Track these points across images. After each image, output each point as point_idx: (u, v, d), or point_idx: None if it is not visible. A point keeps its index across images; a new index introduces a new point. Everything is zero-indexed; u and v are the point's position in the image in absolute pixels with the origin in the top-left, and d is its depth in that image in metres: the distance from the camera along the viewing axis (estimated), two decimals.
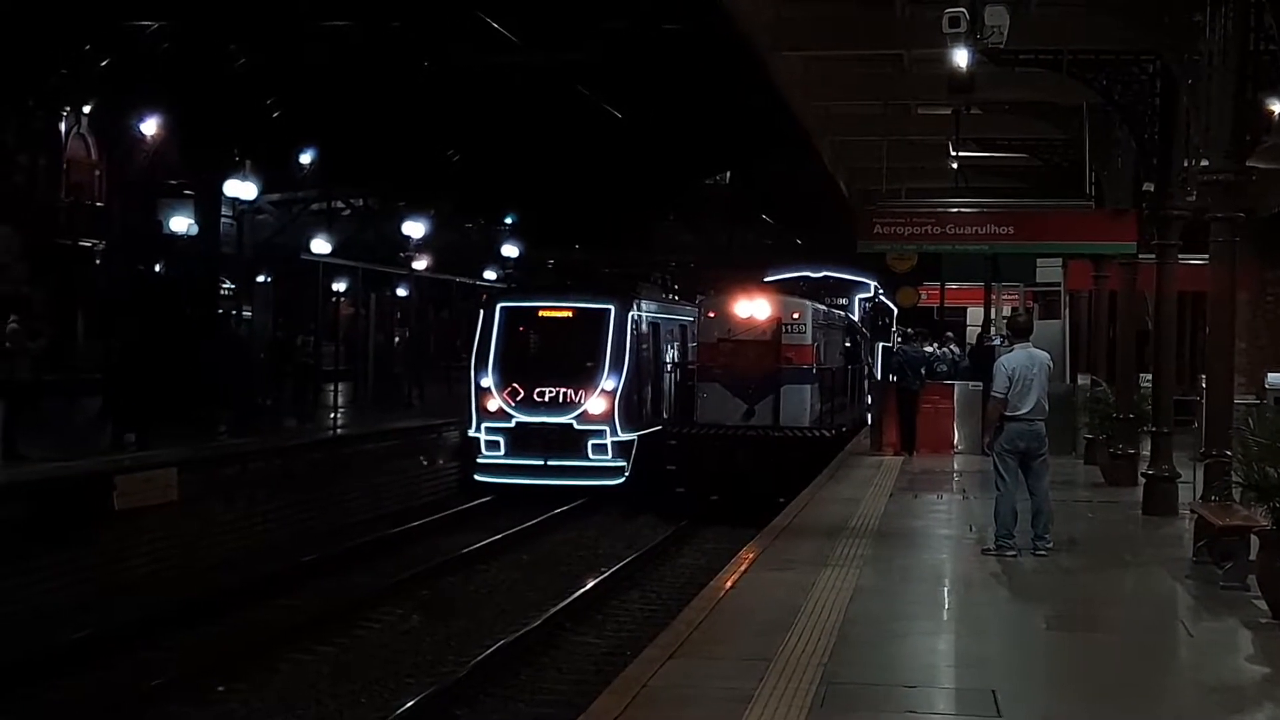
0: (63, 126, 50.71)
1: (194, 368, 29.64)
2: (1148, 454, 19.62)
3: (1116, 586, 14.17)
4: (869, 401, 34.65)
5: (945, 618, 12.83)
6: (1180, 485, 18.35)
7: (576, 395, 29.25)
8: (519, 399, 29.43)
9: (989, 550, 15.23)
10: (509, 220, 60.80)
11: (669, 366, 32.94)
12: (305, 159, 49.57)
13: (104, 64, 40.27)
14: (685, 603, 14.48)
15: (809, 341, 28.53)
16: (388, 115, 42.38)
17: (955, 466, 24.94)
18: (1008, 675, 10.35)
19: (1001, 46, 17.71)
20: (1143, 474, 19.60)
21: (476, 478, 29.62)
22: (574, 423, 29.12)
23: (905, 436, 27.07)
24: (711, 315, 29.43)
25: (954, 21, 17.07)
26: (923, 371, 27.98)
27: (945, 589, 14.10)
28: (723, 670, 10.07)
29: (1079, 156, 27.33)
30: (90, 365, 36.82)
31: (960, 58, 19.16)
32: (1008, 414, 15.14)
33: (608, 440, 28.97)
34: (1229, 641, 11.66)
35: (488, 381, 29.71)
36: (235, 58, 36.10)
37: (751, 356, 28.25)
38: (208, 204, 37.69)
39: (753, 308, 28.51)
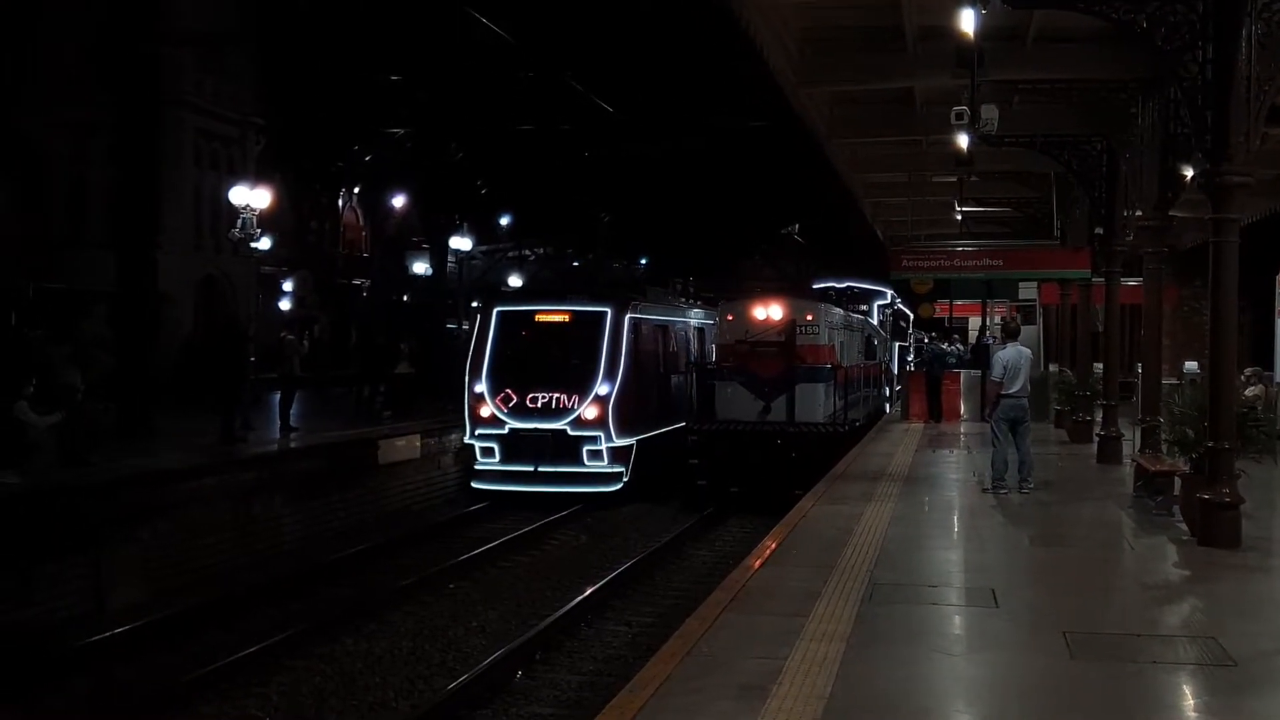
0: (340, 202, 51.87)
1: (430, 366, 30.10)
2: (1100, 420, 19.38)
3: (1079, 515, 13.96)
4: (887, 392, 32.82)
5: (956, 537, 12.72)
6: (1124, 442, 18.09)
7: (570, 400, 21.57)
8: (512, 405, 21.67)
9: (987, 489, 15.07)
10: (643, 261, 60.96)
11: (685, 367, 24.76)
12: (504, 221, 50.28)
13: (367, 158, 41.12)
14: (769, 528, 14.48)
15: (823, 341, 22.06)
16: (560, 189, 42.79)
17: (962, 430, 24.62)
18: (1002, 577, 10.26)
19: (993, 133, 17.53)
20: (1097, 434, 19.33)
21: (473, 484, 22.02)
22: (568, 429, 21.46)
23: (933, 409, 26.54)
24: (730, 319, 22.64)
25: (959, 116, 16.97)
26: (949, 361, 27.69)
27: (956, 517, 13.98)
28: (799, 574, 10.05)
29: (1048, 209, 27.03)
30: (361, 366, 37.50)
31: (963, 141, 19.07)
32: (1002, 393, 15.00)
33: (603, 446, 21.40)
34: (1160, 554, 11.48)
35: (481, 388, 21.89)
36: (455, 152, 36.63)
37: (767, 356, 21.76)
38: (438, 253, 38.27)
39: (768, 311, 22.01)
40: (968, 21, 14.95)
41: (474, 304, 32.56)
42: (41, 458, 15.48)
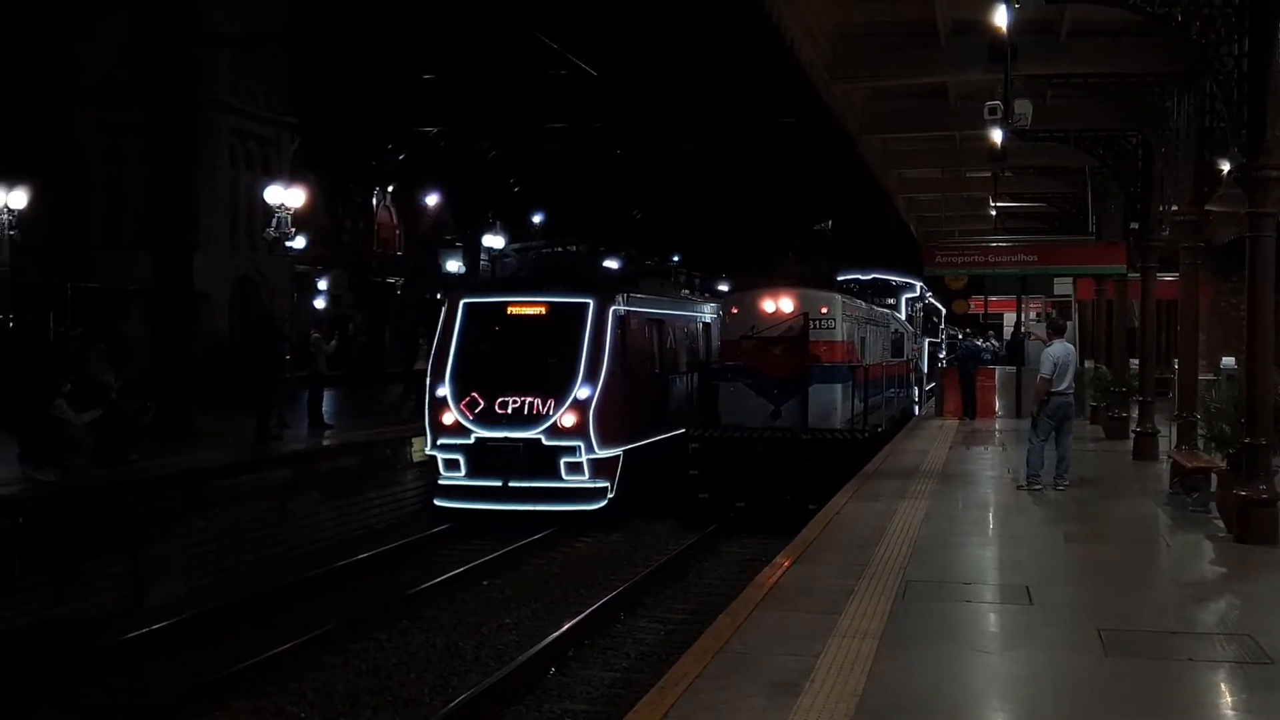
0: (374, 200, 52.17)
1: None
2: (1136, 416, 19.23)
3: (1114, 511, 13.87)
4: (916, 393, 31.20)
5: (991, 534, 12.66)
6: (1160, 438, 17.94)
7: (545, 406, 18.34)
8: (478, 411, 18.53)
9: (1022, 486, 14.98)
10: (675, 258, 61.00)
11: (686, 367, 22.10)
12: (536, 219, 50.39)
13: (400, 157, 41.36)
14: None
15: (839, 337, 19.53)
16: (592, 187, 42.87)
17: (997, 427, 24.44)
18: (1037, 574, 10.19)
19: (1026, 128, 17.45)
20: (1133, 430, 19.21)
21: (435, 501, 19.02)
22: (543, 438, 18.27)
23: (967, 405, 26.32)
24: (735, 312, 20.16)
25: (992, 111, 16.94)
26: (984, 358, 27.51)
27: (990, 514, 13.90)
28: (832, 571, 10.02)
29: (1083, 204, 26.84)
30: (394, 364, 37.77)
31: (997, 136, 18.98)
32: (1052, 390, 14.84)
33: (583, 458, 18.24)
34: (1196, 550, 11.39)
35: (443, 391, 18.82)
36: (488, 151, 36.78)
37: (777, 354, 19.24)
38: (471, 251, 38.45)
39: (778, 303, 19.44)
40: (1001, 16, 14.90)
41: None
42: (80, 456, 15.64)
